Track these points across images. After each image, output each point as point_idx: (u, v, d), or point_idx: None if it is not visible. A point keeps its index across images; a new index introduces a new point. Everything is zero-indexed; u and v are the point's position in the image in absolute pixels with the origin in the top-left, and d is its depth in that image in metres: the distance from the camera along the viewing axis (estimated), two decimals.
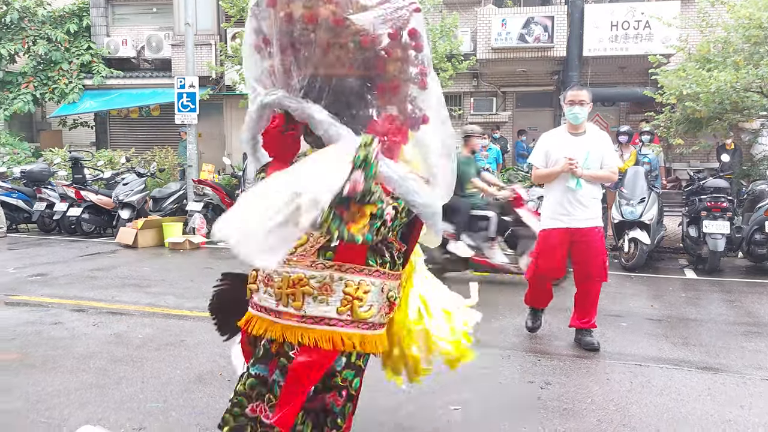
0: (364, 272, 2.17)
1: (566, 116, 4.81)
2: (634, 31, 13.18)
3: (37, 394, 3.83)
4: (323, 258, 2.13)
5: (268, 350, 2.22)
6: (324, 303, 2.12)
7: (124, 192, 10.97)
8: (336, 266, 2.13)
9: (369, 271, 2.19)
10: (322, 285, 2.12)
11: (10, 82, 16.40)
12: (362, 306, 2.16)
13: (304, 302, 2.13)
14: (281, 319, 2.17)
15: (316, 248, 2.13)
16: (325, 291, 2.12)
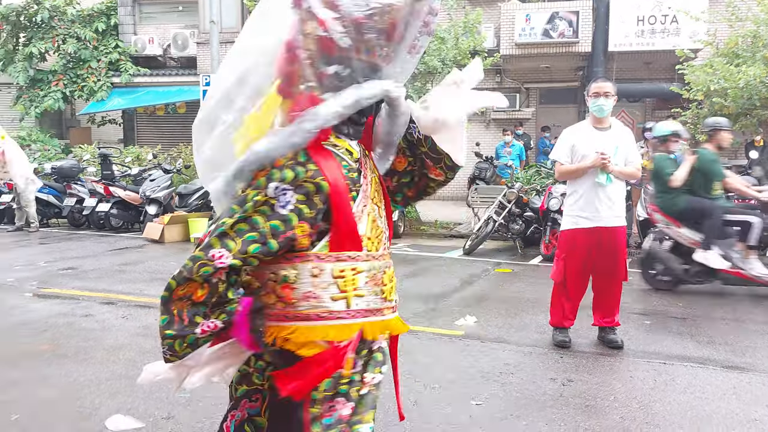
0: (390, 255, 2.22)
1: (590, 109, 4.71)
2: (661, 25, 13.02)
3: (69, 383, 3.95)
4: (389, 247, 2.15)
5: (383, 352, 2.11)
6: (395, 289, 2.13)
7: (151, 188, 11.15)
8: (390, 252, 2.16)
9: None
10: (393, 272, 2.14)
11: (40, 80, 16.73)
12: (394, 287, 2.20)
13: (396, 292, 2.13)
14: (384, 315, 2.07)
15: (386, 237, 2.13)
16: (394, 276, 2.14)
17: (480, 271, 7.89)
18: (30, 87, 16.66)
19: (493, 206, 9.48)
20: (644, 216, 8.33)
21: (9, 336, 4.95)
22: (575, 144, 4.74)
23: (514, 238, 9.52)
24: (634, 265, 8.46)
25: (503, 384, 4.04)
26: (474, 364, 4.39)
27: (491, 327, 5.33)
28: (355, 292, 1.99)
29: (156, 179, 11.42)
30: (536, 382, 4.10)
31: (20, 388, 3.86)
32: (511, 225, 9.36)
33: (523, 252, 9.31)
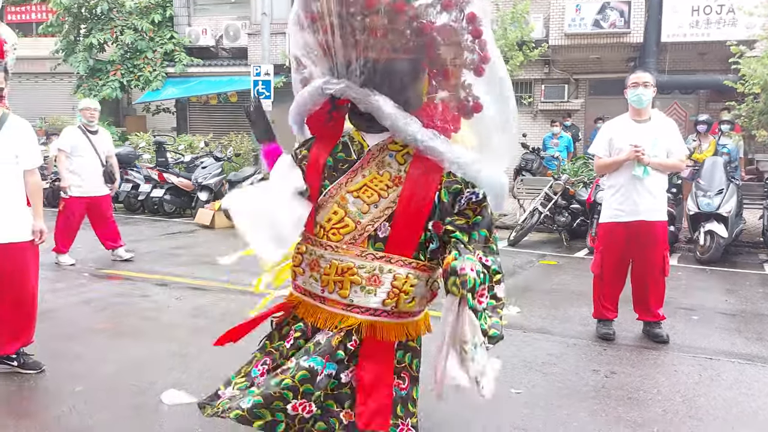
0: (411, 265, 2.13)
1: (629, 100, 4.66)
2: (717, 15, 12.65)
3: (127, 359, 4.16)
4: (373, 248, 2.10)
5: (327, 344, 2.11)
6: (372, 294, 2.10)
7: (203, 175, 11.46)
8: (386, 258, 2.10)
9: (416, 264, 2.15)
10: (371, 276, 2.09)
11: (99, 70, 17.29)
12: (407, 299, 2.14)
13: (350, 291, 2.10)
14: (325, 305, 2.16)
15: (365, 237, 2.10)
16: (373, 282, 2.09)
17: (524, 263, 7.88)
18: (89, 76, 17.24)
19: (539, 198, 9.44)
20: (695, 210, 8.18)
21: (72, 314, 5.22)
22: (613, 137, 4.72)
23: (559, 230, 9.46)
24: (683, 260, 8.35)
25: (545, 374, 4.08)
26: (516, 353, 4.44)
27: (534, 318, 5.35)
28: (296, 268, 2.26)
29: (207, 166, 11.73)
30: (579, 374, 4.12)
31: (83, 362, 4.09)
32: (557, 217, 9.30)
33: (569, 244, 9.25)
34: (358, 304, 2.12)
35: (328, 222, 2.14)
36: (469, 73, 2.11)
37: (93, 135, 7.13)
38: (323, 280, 2.15)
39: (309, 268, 2.20)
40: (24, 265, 3.78)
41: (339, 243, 2.12)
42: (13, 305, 3.79)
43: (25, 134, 3.82)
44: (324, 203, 2.16)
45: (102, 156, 7.13)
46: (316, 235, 2.18)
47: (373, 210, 2.10)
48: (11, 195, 3.69)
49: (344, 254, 2.11)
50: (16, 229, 3.71)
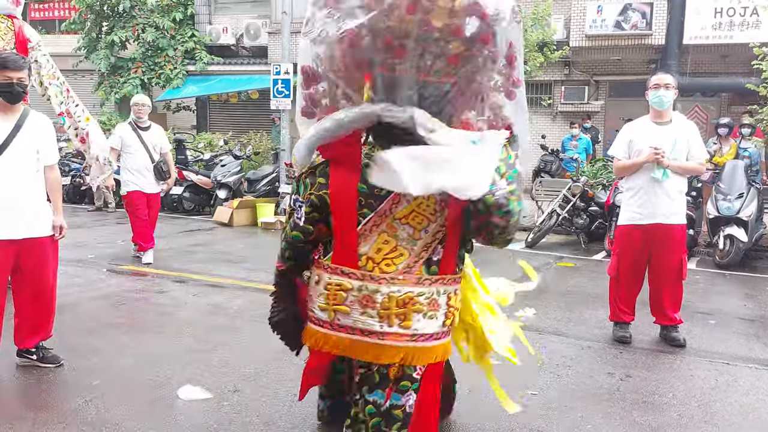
0: (456, 280, 2.14)
1: (650, 101, 4.62)
2: (740, 18, 12.49)
3: (144, 354, 4.22)
4: (428, 273, 2.07)
5: (385, 375, 2.09)
6: (434, 319, 2.07)
7: (222, 173, 11.55)
8: (441, 280, 2.08)
9: (456, 278, 2.15)
10: (430, 301, 2.05)
11: (121, 68, 17.46)
12: (458, 314, 2.17)
13: (413, 321, 2.05)
14: (386, 340, 2.06)
15: (420, 263, 2.06)
16: (433, 307, 2.06)
17: (541, 265, 7.85)
18: (111, 74, 17.43)
19: (557, 199, 9.39)
20: (714, 214, 8.09)
21: (91, 308, 5.29)
22: (632, 139, 4.69)
23: (577, 232, 9.41)
24: (702, 264, 8.27)
25: (559, 376, 4.07)
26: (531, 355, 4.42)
27: (550, 320, 5.33)
28: (336, 307, 2.07)
29: (226, 165, 11.82)
30: (593, 376, 4.10)
31: (101, 356, 4.15)
32: (575, 219, 9.25)
33: (587, 247, 9.20)
34: (422, 332, 2.06)
35: (378, 252, 2.05)
36: (500, 96, 2.14)
37: (144, 131, 7.05)
38: (381, 315, 2.04)
39: (360, 306, 2.06)
40: (44, 260, 3.83)
41: (395, 273, 2.04)
42: (33, 300, 3.85)
43: (46, 130, 3.88)
44: (367, 233, 2.06)
45: (153, 152, 7.03)
46: (362, 268, 2.05)
47: (424, 235, 2.06)
48: (32, 190, 3.74)
49: (402, 284, 2.03)
50: (36, 224, 3.76)
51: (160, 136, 7.22)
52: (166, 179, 7.19)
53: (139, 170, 6.97)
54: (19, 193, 3.65)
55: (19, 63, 3.65)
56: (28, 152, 3.70)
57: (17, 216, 3.65)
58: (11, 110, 3.68)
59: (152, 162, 6.99)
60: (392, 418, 2.09)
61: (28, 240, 3.71)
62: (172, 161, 7.32)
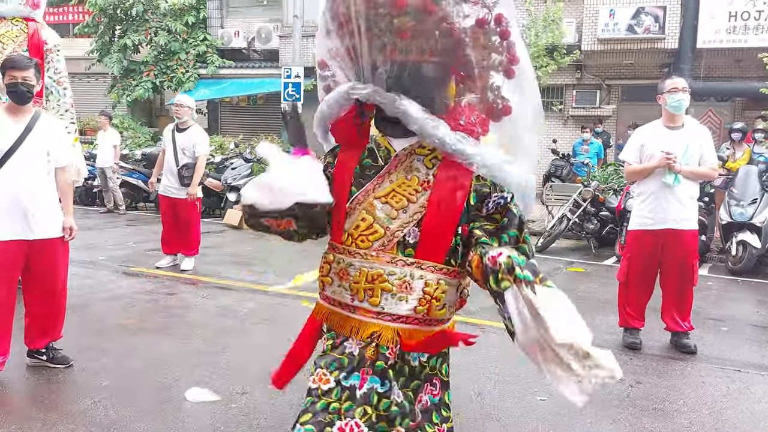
0: (442, 271, 2.09)
1: (669, 105, 4.55)
2: (755, 21, 12.40)
3: (153, 356, 4.23)
4: (403, 254, 2.06)
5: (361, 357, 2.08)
6: (403, 300, 2.05)
7: (232, 176, 11.58)
8: (417, 264, 2.06)
9: (448, 270, 2.10)
10: (402, 282, 2.04)
11: (133, 71, 17.61)
12: (439, 305, 2.09)
13: (381, 298, 2.06)
14: (356, 314, 2.10)
15: (394, 243, 2.06)
16: (404, 289, 2.05)
17: (551, 269, 7.81)
18: (123, 77, 17.57)
19: (567, 204, 9.35)
20: (727, 220, 8.02)
21: (101, 309, 5.32)
22: (644, 144, 4.66)
23: (588, 237, 9.36)
24: (714, 270, 8.20)
25: None
26: None
27: None
28: (324, 277, 2.20)
29: (237, 168, 11.85)
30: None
31: (110, 358, 4.17)
32: (586, 224, 9.20)
33: (597, 252, 9.15)
34: (389, 312, 2.06)
35: (356, 229, 2.09)
36: (497, 75, 2.09)
37: (179, 133, 6.82)
38: (353, 288, 2.09)
39: (338, 278, 2.13)
40: (54, 261, 3.85)
41: (368, 250, 2.06)
42: (43, 300, 3.87)
43: (57, 132, 3.91)
44: (352, 210, 2.11)
45: (181, 156, 6.71)
46: (343, 243, 2.12)
47: (402, 215, 2.06)
48: (43, 191, 3.76)
49: (374, 261, 2.06)
50: (47, 225, 3.78)
51: (193, 138, 6.80)
52: (187, 185, 6.74)
53: (166, 172, 6.86)
54: (30, 195, 3.67)
55: (24, 63, 3.67)
56: (39, 154, 3.73)
57: (28, 217, 3.67)
58: (22, 112, 3.70)
59: (176, 165, 6.73)
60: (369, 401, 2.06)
61: (38, 241, 3.73)
62: (202, 167, 6.86)
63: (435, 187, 2.06)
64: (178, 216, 6.88)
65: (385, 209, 2.07)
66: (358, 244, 2.09)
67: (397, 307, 2.06)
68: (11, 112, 3.68)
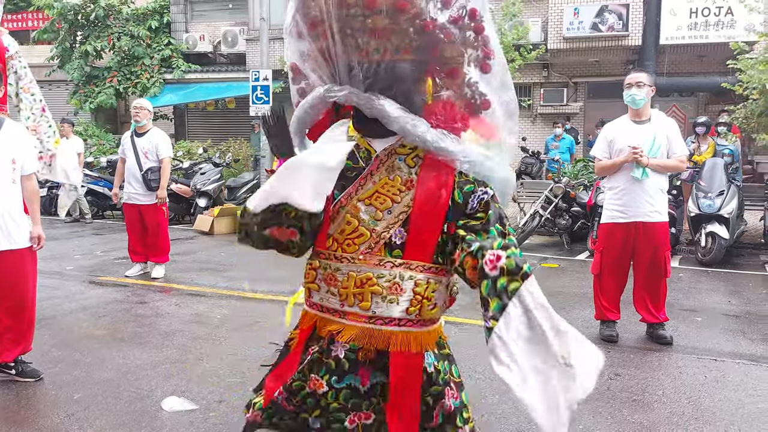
0: (431, 270, 2.06)
1: (625, 101, 4.64)
2: (715, 17, 12.67)
3: (126, 366, 4.12)
4: (390, 256, 2.03)
5: (354, 360, 2.06)
6: (394, 303, 2.02)
7: (202, 181, 11.43)
8: (405, 264, 2.03)
9: (436, 269, 2.08)
10: (391, 284, 2.02)
11: (96, 77, 17.27)
12: (430, 305, 2.06)
13: (372, 302, 2.02)
14: (346, 319, 2.06)
15: (381, 245, 2.03)
16: (394, 291, 2.02)
17: None
18: (86, 83, 17.22)
19: (539, 201, 9.42)
20: (695, 212, 8.15)
21: (70, 320, 5.17)
22: (613, 139, 4.71)
23: (560, 233, 9.44)
24: (684, 261, 8.33)
25: None
26: None
27: None
28: (309, 284, 2.15)
29: (206, 173, 11.70)
30: None
31: (81, 369, 4.05)
32: (558, 220, 9.27)
33: (570, 247, 9.23)
34: (380, 315, 2.02)
35: (342, 233, 2.05)
36: (474, 71, 2.08)
37: (139, 137, 6.66)
38: (341, 293, 2.05)
39: (325, 283, 2.09)
40: (22, 271, 3.74)
41: (355, 254, 2.03)
42: (12, 312, 3.74)
43: (23, 139, 3.79)
44: (335, 214, 2.07)
45: (143, 160, 6.56)
46: (329, 248, 2.08)
47: (387, 216, 2.03)
48: (9, 201, 3.64)
49: (362, 264, 2.02)
50: (14, 235, 3.67)
51: (155, 140, 6.65)
52: (155, 189, 6.61)
53: (128, 179, 6.65)
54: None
55: None
56: (4, 162, 3.61)
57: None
58: None
59: (140, 170, 6.58)
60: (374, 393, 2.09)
61: (5, 252, 3.62)
62: (167, 170, 6.70)
63: (419, 185, 2.03)
64: (145, 223, 6.72)
65: (370, 211, 2.04)
66: (344, 249, 2.05)
67: (388, 310, 2.03)
68: None
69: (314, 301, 2.15)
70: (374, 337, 2.04)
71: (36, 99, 5.30)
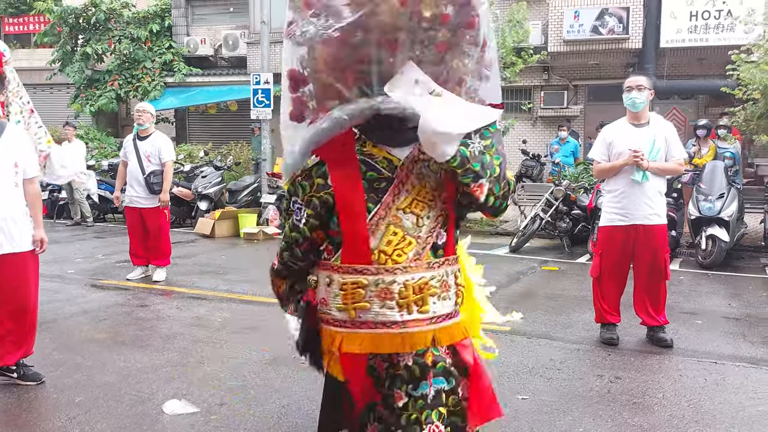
0: (457, 260, 2.21)
1: (624, 104, 4.65)
2: (715, 20, 12.69)
3: (127, 369, 4.13)
4: (435, 257, 2.11)
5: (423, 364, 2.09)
6: (447, 299, 2.12)
7: (203, 184, 11.44)
8: (447, 261, 2.13)
9: (457, 258, 2.23)
10: (442, 283, 2.10)
11: (97, 80, 17.29)
12: (464, 291, 2.24)
13: (430, 304, 2.09)
14: (407, 328, 2.07)
15: (428, 249, 2.09)
16: (445, 287, 2.11)
17: (526, 269, 7.86)
18: (87, 86, 17.24)
19: (539, 204, 9.42)
20: (696, 215, 8.15)
21: (71, 324, 5.19)
22: (612, 141, 4.71)
23: (561, 236, 9.44)
24: (685, 265, 8.33)
25: (549, 379, 4.05)
26: (520, 360, 4.40)
27: (537, 324, 5.32)
28: (356, 305, 2.07)
29: (207, 176, 11.72)
30: (583, 379, 4.09)
31: (83, 373, 4.06)
32: (558, 223, 9.28)
33: (570, 250, 9.23)
34: (439, 314, 2.11)
35: (389, 245, 2.05)
36: (473, 79, 2.14)
37: (141, 141, 6.68)
38: (401, 304, 2.05)
39: (378, 299, 2.06)
40: (24, 275, 3.75)
41: (406, 262, 2.06)
42: (14, 315, 3.76)
43: (24, 143, 3.81)
44: (374, 227, 2.06)
45: (146, 163, 6.58)
46: (375, 262, 2.05)
47: (428, 221, 2.10)
48: (11, 204, 3.66)
49: (415, 271, 2.06)
50: (16, 238, 3.69)
51: (157, 144, 6.67)
52: (157, 193, 6.62)
53: (130, 182, 6.66)
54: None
55: None
56: (6, 166, 3.64)
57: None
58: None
59: (143, 174, 6.59)
60: (440, 401, 2.11)
61: (8, 255, 3.64)
62: (170, 174, 6.72)
63: (447, 188, 2.12)
64: (147, 226, 6.73)
65: (411, 219, 2.08)
66: (395, 259, 2.05)
67: (444, 308, 2.12)
68: None
69: (364, 319, 2.08)
70: (437, 337, 2.11)
71: (24, 102, 5.34)
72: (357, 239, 2.05)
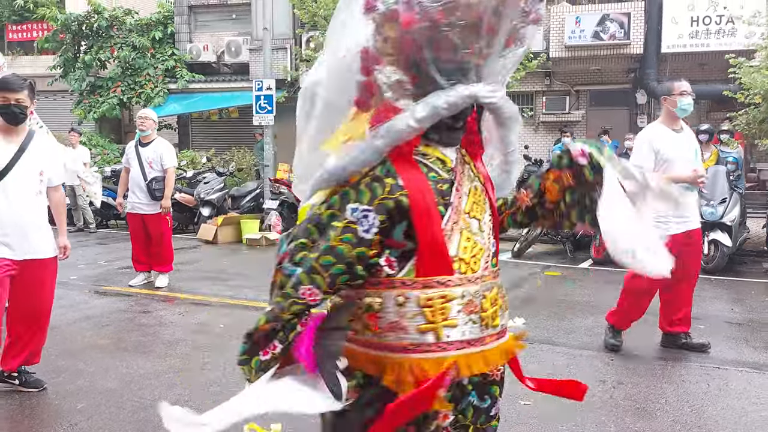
0: None
1: (678, 109, 4.50)
2: (716, 26, 12.70)
3: (129, 375, 4.14)
4: (493, 265, 1.89)
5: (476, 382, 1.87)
6: (506, 310, 1.94)
7: (205, 190, 11.47)
8: (498, 270, 1.92)
9: None
10: (501, 293, 1.90)
11: (100, 87, 17.35)
12: None
13: (500, 317, 1.88)
14: (487, 344, 1.84)
15: (491, 257, 1.88)
16: (503, 298, 1.91)
17: (528, 274, 7.85)
18: (90, 93, 17.30)
19: None
20: None
21: (74, 330, 5.20)
22: (660, 149, 4.53)
23: (563, 241, 9.44)
24: None
25: None
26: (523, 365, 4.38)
27: (540, 329, 5.32)
28: (445, 322, 1.78)
29: (210, 182, 11.74)
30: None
31: (85, 379, 4.06)
32: None
33: (573, 255, 9.22)
34: (505, 327, 1.92)
35: (465, 252, 1.81)
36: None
37: (143, 147, 6.70)
38: (483, 318, 1.82)
39: (466, 314, 1.81)
40: (41, 282, 3.80)
41: (481, 271, 1.84)
42: (26, 320, 3.79)
43: (50, 151, 3.89)
44: (450, 233, 1.80)
45: (148, 170, 6.59)
46: (458, 271, 1.80)
47: (485, 227, 1.88)
48: (36, 211, 3.72)
49: (488, 281, 1.85)
50: (40, 245, 3.74)
51: (159, 150, 6.69)
52: (159, 199, 6.61)
53: (133, 189, 6.68)
54: (22, 215, 3.63)
55: (17, 84, 3.61)
56: (32, 174, 3.69)
57: (20, 237, 3.62)
58: (15, 132, 3.67)
59: (145, 180, 6.60)
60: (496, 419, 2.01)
61: (28, 261, 3.67)
62: (172, 180, 6.73)
63: (488, 188, 1.94)
64: (149, 232, 6.73)
65: (475, 223, 1.85)
66: (473, 268, 1.82)
67: (505, 319, 1.92)
68: (4, 133, 3.64)
69: (452, 340, 1.80)
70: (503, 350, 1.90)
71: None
72: (436, 247, 1.78)
